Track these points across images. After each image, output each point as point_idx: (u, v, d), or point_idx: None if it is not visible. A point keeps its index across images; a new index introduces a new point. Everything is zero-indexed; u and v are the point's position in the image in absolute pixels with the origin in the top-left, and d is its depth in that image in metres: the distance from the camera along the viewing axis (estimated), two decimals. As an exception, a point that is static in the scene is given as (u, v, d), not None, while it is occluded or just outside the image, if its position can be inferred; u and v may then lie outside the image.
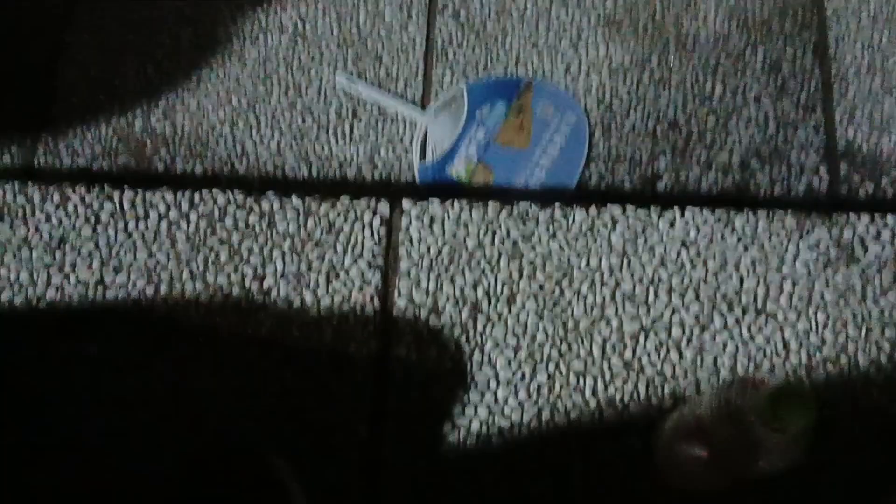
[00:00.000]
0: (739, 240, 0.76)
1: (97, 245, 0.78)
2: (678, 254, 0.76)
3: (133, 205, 0.79)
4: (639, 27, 0.94)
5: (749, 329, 0.73)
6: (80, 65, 0.95)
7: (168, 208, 0.79)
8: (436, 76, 0.93)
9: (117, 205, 0.79)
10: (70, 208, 0.79)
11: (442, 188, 0.88)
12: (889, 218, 0.76)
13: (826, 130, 0.89)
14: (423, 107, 0.92)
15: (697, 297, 0.74)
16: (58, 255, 0.78)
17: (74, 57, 0.96)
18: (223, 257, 0.77)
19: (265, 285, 0.76)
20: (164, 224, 0.78)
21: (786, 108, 0.89)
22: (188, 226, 0.78)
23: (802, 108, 0.90)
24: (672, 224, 0.77)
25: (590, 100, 0.91)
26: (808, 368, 0.72)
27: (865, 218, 0.77)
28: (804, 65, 0.91)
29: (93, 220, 0.79)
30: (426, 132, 0.90)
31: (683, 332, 0.73)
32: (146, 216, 0.79)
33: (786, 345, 0.72)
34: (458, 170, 0.89)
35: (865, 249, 0.75)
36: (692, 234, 0.77)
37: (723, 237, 0.76)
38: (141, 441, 0.71)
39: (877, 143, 0.88)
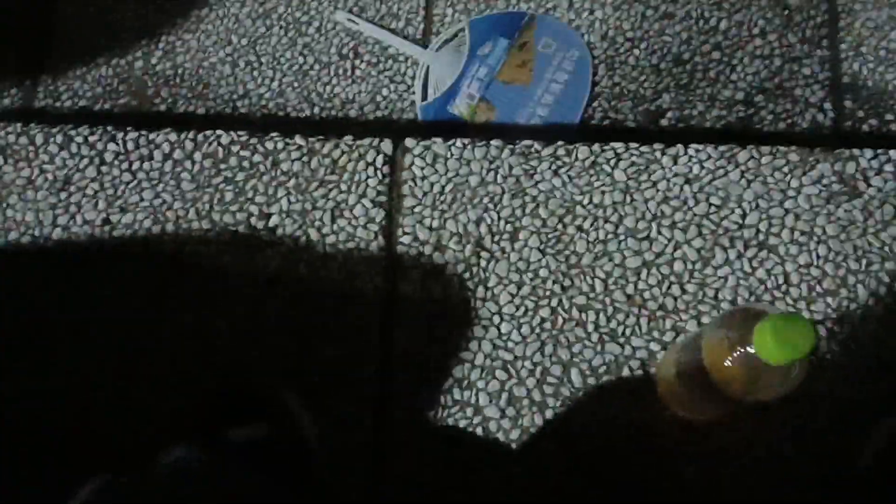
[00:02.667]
0: (743, 175, 0.76)
1: (102, 185, 0.78)
2: (681, 189, 0.76)
3: (137, 145, 0.79)
4: (643, -40, 0.92)
5: (750, 263, 0.74)
6: (77, 4, 0.94)
7: (172, 148, 0.79)
8: (437, 12, 0.92)
9: (121, 145, 0.79)
10: (74, 149, 0.79)
11: (444, 126, 0.88)
12: (892, 152, 0.76)
13: (831, 65, 0.88)
14: (425, 44, 0.91)
15: (700, 232, 0.75)
16: (63, 195, 0.78)
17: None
18: (228, 196, 0.77)
19: (271, 223, 0.76)
20: (168, 164, 0.79)
21: (791, 42, 0.89)
22: (193, 165, 0.78)
23: (808, 42, 0.89)
24: (675, 160, 0.77)
25: (593, 35, 0.90)
26: (807, 301, 0.72)
27: (869, 152, 0.77)
28: (811, -3, 0.90)
29: (97, 160, 0.79)
30: (428, 70, 0.90)
31: (685, 267, 0.74)
32: (150, 156, 0.79)
33: (787, 278, 0.73)
34: (460, 108, 0.89)
35: (868, 183, 0.76)
36: (695, 169, 0.77)
37: (726, 173, 0.76)
38: (150, 377, 0.72)
39: (881, 78, 0.87)
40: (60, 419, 0.72)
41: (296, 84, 0.90)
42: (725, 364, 0.57)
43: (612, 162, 0.78)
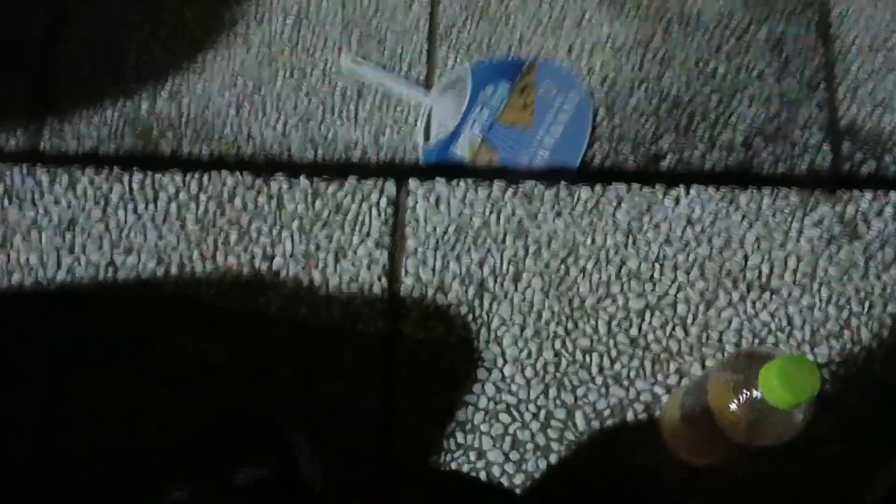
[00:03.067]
0: (744, 217, 0.77)
1: (107, 227, 0.79)
2: (683, 231, 0.77)
3: (142, 187, 0.80)
4: (641, 6, 0.94)
5: (754, 305, 0.74)
6: (82, 47, 0.96)
7: (177, 190, 0.79)
8: (440, 57, 0.93)
9: (126, 187, 0.80)
10: (79, 191, 0.80)
11: (447, 168, 0.89)
12: (892, 194, 0.77)
13: (829, 108, 0.89)
14: (428, 87, 0.92)
15: (702, 273, 0.75)
16: (67, 237, 0.78)
17: (77, 39, 0.96)
18: (233, 238, 0.78)
19: (274, 265, 0.77)
20: (173, 206, 0.79)
21: (789, 86, 0.90)
22: (197, 207, 0.79)
23: (805, 85, 0.90)
24: (677, 202, 0.78)
25: (593, 79, 0.91)
26: (811, 344, 0.72)
27: (868, 194, 0.77)
28: (807, 43, 0.92)
29: (102, 202, 0.79)
30: (430, 113, 0.91)
31: (689, 309, 0.74)
32: (155, 198, 0.79)
33: (790, 320, 0.73)
34: (462, 150, 0.89)
35: (868, 226, 0.76)
36: (697, 211, 0.77)
37: (727, 214, 0.77)
38: (152, 417, 0.72)
39: (879, 121, 0.88)
40: (62, 458, 0.71)
41: (300, 126, 0.91)
42: (730, 408, 0.57)
43: (614, 203, 0.78)
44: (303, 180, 0.79)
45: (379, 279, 0.76)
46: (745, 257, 0.75)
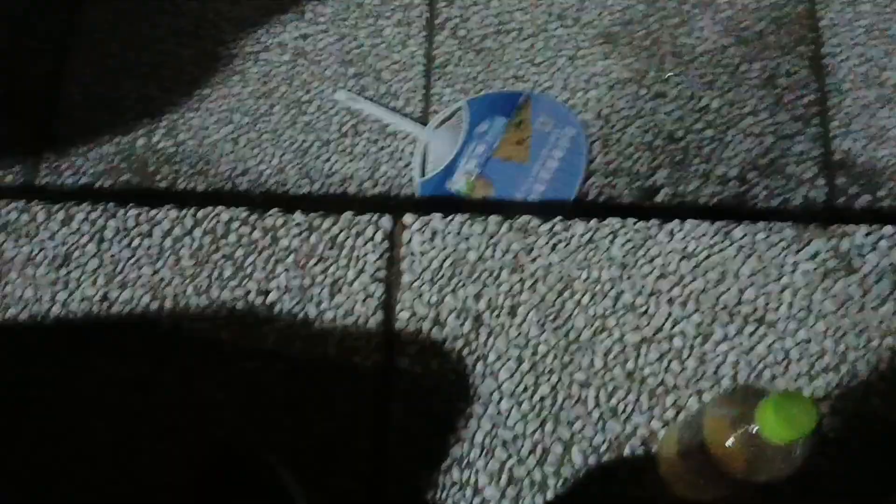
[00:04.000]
0: (739, 251, 0.77)
1: (102, 262, 0.79)
2: (678, 265, 0.77)
3: (137, 222, 0.80)
4: (635, 42, 0.95)
5: (750, 339, 0.74)
6: (81, 83, 0.96)
7: (172, 225, 0.80)
8: (436, 92, 0.94)
9: (122, 222, 0.80)
10: (74, 226, 0.80)
11: (443, 202, 0.89)
12: (886, 229, 0.77)
13: (823, 142, 0.90)
14: (424, 122, 0.93)
15: (698, 307, 0.75)
16: (62, 271, 0.78)
17: (76, 75, 0.97)
18: (227, 273, 0.78)
19: (269, 300, 0.76)
20: (168, 240, 0.79)
21: (782, 120, 0.90)
22: (192, 242, 0.79)
23: (799, 120, 0.91)
24: (671, 235, 0.78)
25: (588, 114, 0.92)
26: (808, 377, 0.72)
27: (863, 228, 0.77)
28: (800, 78, 0.92)
29: (97, 237, 0.79)
30: (427, 147, 0.91)
31: (685, 343, 0.74)
32: (150, 233, 0.79)
33: (786, 354, 0.73)
34: (458, 184, 0.90)
35: (863, 259, 0.76)
36: (692, 245, 0.77)
37: (722, 248, 0.77)
38: (145, 452, 0.71)
39: (872, 155, 0.88)
40: (57, 494, 0.70)
41: (296, 161, 0.91)
42: (728, 443, 0.56)
43: (609, 238, 0.78)
44: (298, 215, 0.80)
45: (374, 313, 0.76)
46: (741, 291, 0.75)
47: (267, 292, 0.77)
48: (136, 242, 0.79)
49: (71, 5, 1.00)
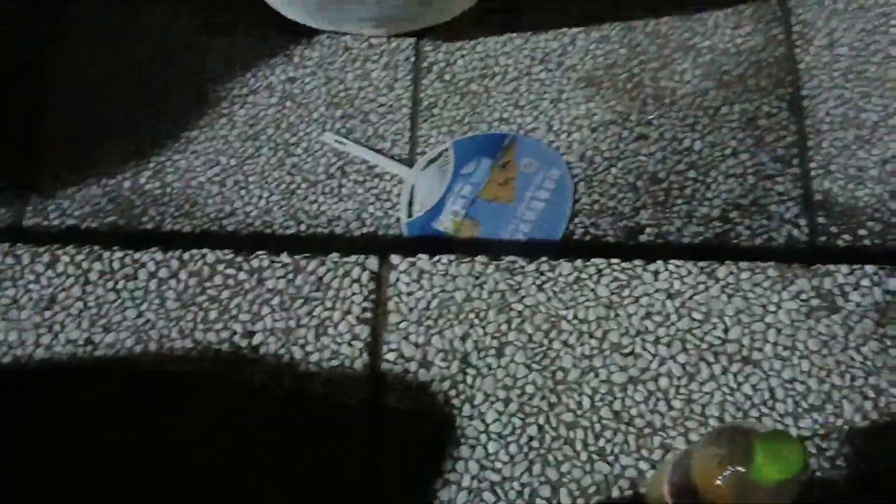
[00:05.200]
0: (723, 290, 0.77)
1: (86, 305, 0.78)
2: (663, 305, 0.77)
3: (122, 264, 0.80)
4: (617, 85, 0.96)
5: (735, 378, 0.74)
6: (66, 125, 0.97)
7: (157, 267, 0.79)
8: (422, 134, 0.95)
9: (106, 264, 0.80)
10: (59, 268, 0.80)
11: (430, 243, 0.89)
12: (867, 268, 0.78)
13: (803, 182, 0.91)
14: (411, 164, 0.94)
15: (684, 347, 0.75)
16: (47, 314, 0.78)
17: (61, 116, 0.97)
18: (212, 315, 0.77)
19: (254, 341, 0.76)
20: (153, 283, 0.79)
21: (763, 161, 0.92)
22: (178, 284, 0.79)
23: (779, 160, 0.92)
24: (656, 276, 0.78)
25: (572, 155, 0.93)
26: (794, 417, 0.72)
27: (845, 268, 0.78)
28: (779, 119, 0.94)
29: (82, 280, 0.79)
30: (413, 188, 0.92)
31: (671, 383, 0.74)
32: (135, 276, 0.79)
33: (772, 393, 0.73)
34: (445, 225, 0.90)
35: (846, 298, 0.77)
36: (676, 285, 0.78)
37: (707, 288, 0.78)
38: (133, 495, 0.70)
39: (852, 195, 0.90)
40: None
41: (283, 202, 0.91)
42: (716, 484, 0.56)
43: (595, 278, 0.79)
44: (284, 256, 0.80)
45: (361, 354, 0.76)
46: (726, 330, 0.76)
47: (252, 334, 0.76)
48: (120, 285, 0.79)
49: (56, 46, 1.01)
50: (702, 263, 0.78)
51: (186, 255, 0.80)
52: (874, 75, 0.96)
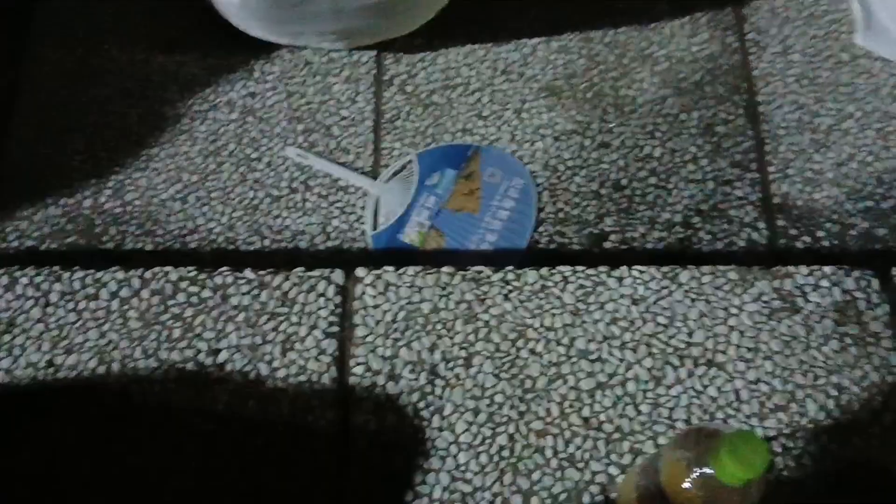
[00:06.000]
0: (686, 294, 0.78)
1: (47, 327, 0.77)
2: (628, 310, 0.78)
3: (83, 284, 0.79)
4: (578, 95, 0.97)
5: (701, 381, 0.75)
6: (26, 145, 0.95)
7: (119, 286, 0.78)
8: (385, 146, 0.95)
9: (67, 285, 0.78)
10: (18, 290, 0.78)
11: (396, 255, 0.89)
12: (826, 268, 0.80)
13: (762, 187, 0.93)
14: (375, 176, 0.93)
15: (650, 351, 0.76)
16: (6, 338, 0.76)
17: (20, 137, 0.96)
18: (176, 333, 0.76)
19: (220, 359, 0.75)
20: (115, 302, 0.78)
21: (722, 166, 0.93)
22: (140, 303, 0.78)
23: (738, 166, 0.94)
24: (621, 282, 0.79)
25: (536, 164, 0.94)
26: (760, 417, 0.73)
27: (804, 269, 0.80)
28: (737, 125, 0.96)
29: (42, 301, 0.78)
30: (378, 201, 0.92)
31: (638, 387, 0.75)
32: (97, 296, 0.78)
33: (737, 395, 0.74)
34: (410, 236, 0.90)
35: (806, 299, 0.78)
36: (641, 290, 0.79)
37: (670, 293, 0.78)
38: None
39: (809, 197, 0.92)
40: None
41: (246, 218, 0.91)
42: (684, 486, 0.56)
43: (561, 285, 0.79)
44: (248, 272, 0.79)
45: (328, 369, 0.75)
46: (690, 334, 0.77)
47: (217, 352, 0.76)
48: (82, 305, 0.78)
49: (14, 64, 0.99)
50: (665, 268, 0.79)
51: (148, 274, 0.79)
52: (827, 80, 0.98)
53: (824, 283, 0.79)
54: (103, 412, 0.74)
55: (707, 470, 0.54)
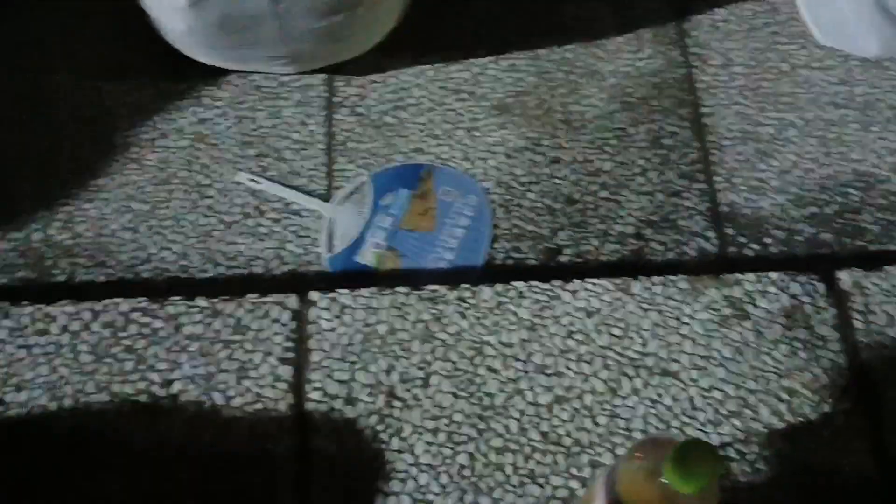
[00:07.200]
0: (639, 305, 0.79)
1: (-5, 364, 0.75)
2: (584, 323, 0.79)
3: (33, 319, 0.77)
4: (528, 112, 0.99)
5: (656, 390, 0.76)
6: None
7: (70, 320, 0.77)
8: (338, 168, 0.95)
9: (16, 320, 0.77)
10: (-36, 328, 0.77)
11: (352, 276, 0.89)
12: (772, 274, 0.81)
13: (709, 196, 0.94)
14: (329, 199, 0.93)
15: (605, 364, 0.77)
16: (-48, 377, 0.74)
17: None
18: (129, 366, 0.75)
19: (173, 390, 0.74)
20: (65, 336, 0.76)
21: (670, 178, 0.95)
22: (91, 336, 0.76)
23: (685, 177, 0.95)
24: (575, 295, 0.80)
25: (489, 181, 0.94)
26: (714, 424, 0.74)
27: (752, 276, 0.81)
28: (683, 137, 0.98)
29: (-11, 338, 0.76)
30: (332, 223, 0.92)
31: (595, 399, 0.75)
32: (46, 330, 0.77)
33: (692, 403, 0.75)
34: (367, 258, 0.90)
35: (755, 305, 0.80)
36: (594, 303, 0.80)
37: (623, 304, 0.79)
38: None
39: (756, 205, 0.94)
40: None
41: (199, 245, 0.90)
42: (642, 496, 0.57)
43: (516, 301, 0.80)
44: (200, 300, 0.78)
45: (284, 396, 0.75)
46: (644, 344, 0.78)
47: (170, 383, 0.75)
48: (32, 341, 0.76)
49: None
50: (617, 280, 0.80)
51: (99, 306, 0.78)
52: (768, 90, 1.01)
53: (772, 289, 0.81)
54: (55, 450, 0.72)
55: (662, 479, 0.55)
